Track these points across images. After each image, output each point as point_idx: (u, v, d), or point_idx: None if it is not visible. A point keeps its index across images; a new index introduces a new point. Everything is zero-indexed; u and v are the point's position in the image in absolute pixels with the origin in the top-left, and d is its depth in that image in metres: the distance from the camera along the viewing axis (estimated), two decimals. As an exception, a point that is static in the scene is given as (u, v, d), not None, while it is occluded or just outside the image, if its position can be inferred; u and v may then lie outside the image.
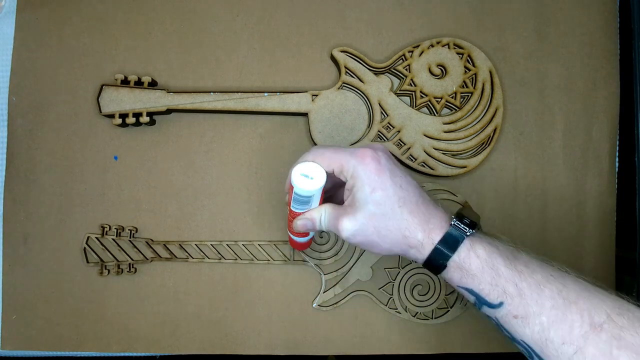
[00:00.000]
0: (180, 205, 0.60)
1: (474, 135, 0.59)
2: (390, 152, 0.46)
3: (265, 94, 0.59)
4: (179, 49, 0.61)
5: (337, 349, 0.60)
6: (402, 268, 0.60)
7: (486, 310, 0.42)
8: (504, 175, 0.61)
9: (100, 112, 0.58)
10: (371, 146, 0.44)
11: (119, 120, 0.58)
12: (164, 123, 0.61)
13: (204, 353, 0.60)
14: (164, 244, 0.60)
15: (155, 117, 0.60)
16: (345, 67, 0.59)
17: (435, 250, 0.42)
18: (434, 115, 0.59)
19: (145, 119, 0.58)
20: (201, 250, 0.60)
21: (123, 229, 0.60)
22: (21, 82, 0.61)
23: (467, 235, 0.42)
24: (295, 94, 0.59)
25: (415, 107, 0.59)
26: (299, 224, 0.47)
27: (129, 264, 0.59)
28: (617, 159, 0.61)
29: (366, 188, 0.42)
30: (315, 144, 0.59)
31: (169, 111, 0.59)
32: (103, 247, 0.60)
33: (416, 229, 0.42)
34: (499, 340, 0.60)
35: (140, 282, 0.60)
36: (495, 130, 0.59)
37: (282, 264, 0.60)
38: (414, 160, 0.58)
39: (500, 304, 0.40)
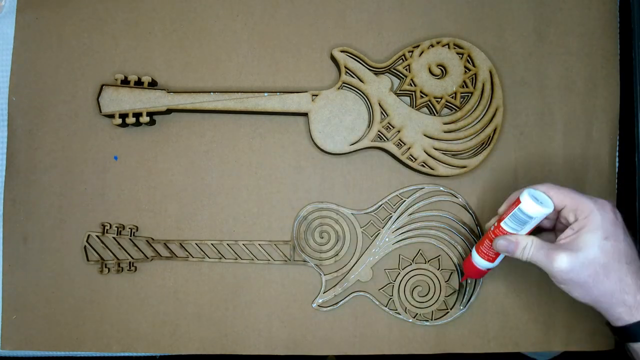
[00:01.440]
0: (180, 205, 0.60)
1: (474, 135, 0.59)
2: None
3: (265, 94, 0.59)
4: (179, 48, 0.61)
5: (337, 349, 0.60)
6: (402, 269, 0.60)
7: None
8: (504, 175, 0.61)
9: (100, 112, 0.58)
10: (609, 200, 0.47)
11: (119, 120, 0.58)
12: (164, 123, 0.61)
13: (203, 353, 0.60)
14: (165, 243, 0.60)
15: (155, 117, 0.60)
16: (345, 67, 0.59)
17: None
18: (434, 115, 0.59)
19: (145, 119, 0.58)
20: (201, 250, 0.60)
21: (124, 227, 0.60)
22: (21, 82, 0.61)
23: None
24: (295, 94, 0.59)
25: (415, 107, 0.59)
26: (500, 242, 0.48)
27: (129, 262, 0.59)
28: (617, 159, 0.61)
29: (599, 233, 0.44)
30: (316, 144, 0.59)
31: (169, 111, 0.59)
32: (103, 245, 0.60)
33: (632, 290, 0.43)
34: (498, 340, 0.60)
35: (140, 282, 0.60)
36: (495, 130, 0.59)
37: (282, 264, 0.60)
38: (414, 160, 0.58)
39: None
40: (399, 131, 0.58)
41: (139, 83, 0.59)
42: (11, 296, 0.60)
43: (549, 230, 0.52)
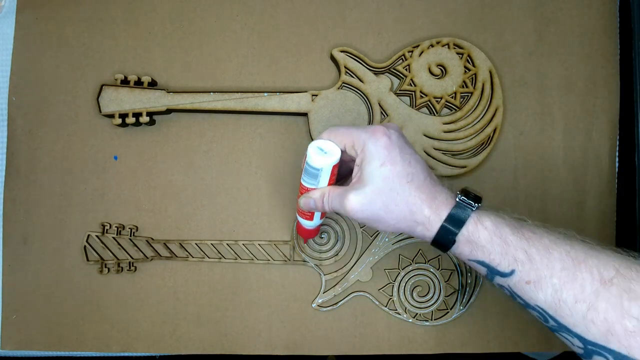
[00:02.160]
0: (180, 205, 0.60)
1: (474, 135, 0.59)
2: (402, 132, 0.46)
3: (265, 94, 0.59)
4: (179, 48, 0.61)
5: (337, 349, 0.60)
6: (402, 269, 0.60)
7: (498, 280, 0.42)
8: (504, 175, 0.61)
9: (100, 112, 0.58)
10: (384, 124, 0.45)
11: (119, 120, 0.58)
12: (164, 123, 0.61)
13: (203, 353, 0.60)
14: (164, 243, 0.60)
15: (155, 117, 0.60)
16: (345, 67, 0.59)
17: (444, 227, 0.42)
18: (434, 115, 0.59)
19: (145, 118, 0.58)
20: (201, 250, 0.60)
21: (124, 227, 0.60)
22: (21, 82, 0.61)
23: (473, 210, 0.42)
24: (295, 94, 0.59)
25: (415, 107, 0.59)
26: (302, 201, 0.48)
27: (129, 262, 0.60)
28: (617, 159, 0.61)
29: (375, 162, 0.43)
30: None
31: (168, 111, 0.59)
32: (103, 245, 0.60)
33: (423, 205, 0.43)
34: (498, 340, 0.60)
35: (140, 282, 0.60)
36: (495, 130, 0.59)
37: (282, 264, 0.60)
38: (413, 160, 0.58)
39: (512, 272, 0.41)
40: (398, 131, 0.58)
41: (138, 83, 0.59)
42: (11, 296, 0.60)
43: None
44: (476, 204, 0.42)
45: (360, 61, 0.59)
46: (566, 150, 0.61)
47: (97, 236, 0.60)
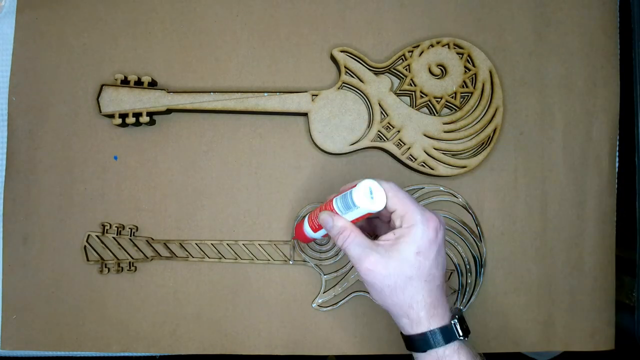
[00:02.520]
0: (180, 205, 0.60)
1: (474, 135, 0.59)
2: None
3: (265, 94, 0.59)
4: (179, 48, 0.61)
5: (337, 349, 0.60)
6: None
7: None
8: (504, 175, 0.61)
9: (100, 112, 0.58)
10: (438, 216, 0.46)
11: (119, 120, 0.58)
12: (164, 123, 0.61)
13: (203, 353, 0.60)
14: (164, 243, 0.60)
15: (155, 117, 0.60)
16: (345, 67, 0.59)
17: (428, 334, 0.45)
18: (434, 115, 0.59)
19: (145, 118, 0.58)
20: (201, 250, 0.60)
21: (124, 227, 0.60)
22: (21, 82, 0.61)
23: (460, 339, 0.45)
24: (295, 94, 0.59)
25: (415, 107, 0.59)
26: (323, 216, 0.48)
27: (129, 262, 0.60)
28: (617, 159, 0.61)
29: (413, 247, 0.44)
30: (315, 144, 0.59)
31: (168, 111, 0.59)
32: (103, 245, 0.60)
33: (423, 308, 0.45)
34: (498, 340, 0.60)
35: (140, 282, 0.60)
36: (495, 130, 0.59)
37: (282, 264, 0.60)
38: (414, 160, 0.58)
39: None
40: (398, 131, 0.58)
41: (138, 83, 0.59)
42: (11, 296, 0.60)
43: (386, 224, 0.51)
44: (464, 336, 0.45)
45: (361, 61, 0.59)
46: (566, 150, 0.61)
47: (97, 236, 0.60)
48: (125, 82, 0.59)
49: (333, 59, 0.60)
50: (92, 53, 0.61)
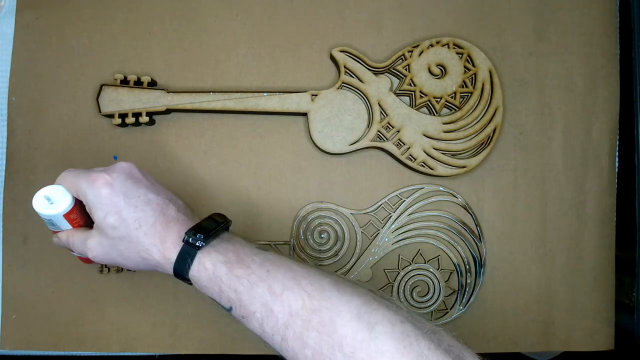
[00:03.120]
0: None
1: (474, 135, 0.59)
2: (134, 171, 0.48)
3: (265, 94, 0.59)
4: (179, 48, 0.61)
5: (337, 349, 0.60)
6: (402, 269, 0.60)
7: (226, 312, 0.44)
8: (503, 175, 0.61)
9: (100, 112, 0.58)
10: (111, 168, 0.46)
11: (119, 120, 0.58)
12: (164, 123, 0.61)
13: (203, 353, 0.60)
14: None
15: (154, 117, 0.60)
16: (345, 67, 0.59)
17: (175, 270, 0.44)
18: (434, 115, 0.59)
19: (144, 118, 0.58)
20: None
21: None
22: (21, 82, 0.61)
23: (197, 249, 0.43)
24: (295, 93, 0.59)
25: (415, 107, 0.59)
26: (54, 240, 0.50)
27: (129, 263, 0.60)
28: (617, 159, 0.61)
29: (99, 212, 0.44)
30: (315, 144, 0.59)
31: (168, 111, 0.59)
32: (103, 247, 0.60)
33: (152, 250, 0.44)
34: (498, 340, 0.60)
35: (140, 282, 0.60)
36: (495, 130, 0.59)
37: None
38: (413, 160, 0.58)
39: (231, 309, 0.43)
40: (398, 131, 0.58)
41: (138, 83, 0.59)
42: (11, 296, 0.60)
43: None
44: (202, 243, 0.43)
45: (360, 61, 0.59)
46: (566, 150, 0.61)
47: (96, 236, 0.60)
48: (124, 82, 0.59)
49: (333, 59, 0.60)
50: (92, 53, 0.61)
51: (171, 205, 0.46)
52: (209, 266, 0.43)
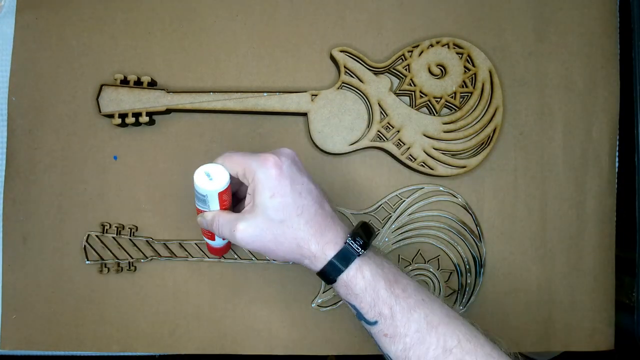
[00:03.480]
0: (180, 205, 0.60)
1: (474, 135, 0.59)
2: (297, 159, 0.46)
3: (265, 94, 0.59)
4: (179, 48, 0.61)
5: (337, 349, 0.60)
6: (402, 270, 0.60)
7: (363, 324, 0.45)
8: (503, 175, 0.61)
9: (100, 112, 0.58)
10: (278, 152, 0.45)
11: (119, 120, 0.58)
12: (164, 123, 0.61)
13: (203, 353, 0.60)
14: (164, 243, 0.60)
15: (154, 117, 0.60)
16: (345, 67, 0.59)
17: (328, 265, 0.44)
18: (434, 115, 0.59)
19: (144, 118, 0.58)
20: (201, 250, 0.60)
21: (123, 227, 0.60)
22: (21, 82, 0.61)
23: (358, 255, 0.43)
24: (295, 93, 0.59)
25: (415, 107, 0.59)
26: (198, 219, 0.49)
27: (129, 262, 0.60)
28: (617, 159, 0.61)
29: (266, 192, 0.43)
30: (315, 144, 0.59)
31: (168, 111, 0.59)
32: (103, 245, 0.60)
33: (310, 240, 0.44)
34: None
35: (140, 282, 0.60)
36: (495, 130, 0.59)
37: (282, 263, 0.60)
38: (413, 160, 0.58)
39: (375, 323, 0.43)
40: (398, 131, 0.58)
41: (138, 83, 0.59)
42: (11, 296, 0.60)
43: None
44: (363, 250, 0.43)
45: (360, 61, 0.59)
46: (566, 150, 0.61)
47: (97, 236, 0.60)
48: (124, 82, 0.59)
49: (333, 59, 0.60)
50: (91, 53, 0.61)
51: (326, 199, 0.46)
52: (367, 275, 0.43)
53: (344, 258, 0.43)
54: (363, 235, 0.44)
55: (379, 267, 0.44)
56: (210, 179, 0.45)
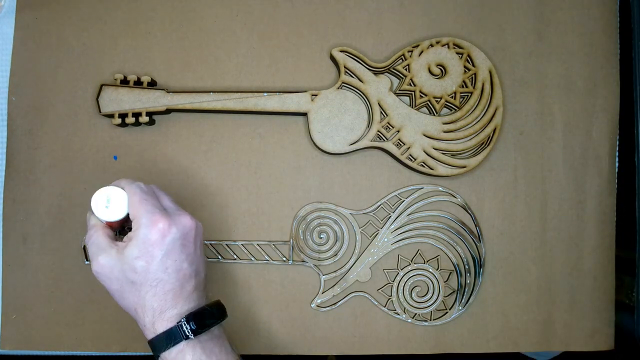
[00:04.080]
0: (179, 205, 0.60)
1: (474, 135, 0.59)
2: (191, 233, 0.47)
3: (265, 94, 0.59)
4: (178, 48, 0.61)
5: (336, 350, 0.60)
6: (401, 270, 0.60)
7: None
8: (503, 175, 0.61)
9: (100, 112, 0.58)
10: (177, 220, 0.46)
11: (119, 120, 0.58)
12: (164, 123, 0.61)
13: (203, 353, 0.60)
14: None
15: (154, 117, 0.60)
16: (345, 67, 0.59)
17: (154, 339, 0.44)
18: (434, 115, 0.59)
19: (144, 118, 0.58)
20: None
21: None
22: (21, 82, 0.61)
23: (185, 339, 0.44)
24: (295, 93, 0.59)
25: (415, 107, 0.59)
26: (87, 215, 0.50)
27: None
28: (617, 159, 0.61)
29: (135, 250, 0.44)
30: (315, 144, 0.59)
31: (168, 111, 0.59)
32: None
33: (147, 312, 0.45)
34: (498, 340, 0.60)
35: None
36: (495, 130, 0.59)
37: (281, 264, 0.60)
38: (413, 160, 0.58)
39: None
40: (398, 131, 0.58)
41: (138, 83, 0.59)
42: (11, 296, 0.60)
43: None
44: (191, 334, 0.43)
45: (360, 61, 0.59)
46: (566, 150, 0.61)
47: (96, 236, 0.60)
48: (124, 82, 0.59)
49: (332, 59, 0.60)
50: (91, 53, 0.61)
51: (193, 279, 0.47)
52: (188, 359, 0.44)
53: (170, 338, 0.44)
54: (203, 319, 0.45)
55: (205, 354, 0.44)
56: (107, 207, 0.46)
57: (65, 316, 0.60)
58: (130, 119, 0.58)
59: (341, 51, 0.59)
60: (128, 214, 0.47)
